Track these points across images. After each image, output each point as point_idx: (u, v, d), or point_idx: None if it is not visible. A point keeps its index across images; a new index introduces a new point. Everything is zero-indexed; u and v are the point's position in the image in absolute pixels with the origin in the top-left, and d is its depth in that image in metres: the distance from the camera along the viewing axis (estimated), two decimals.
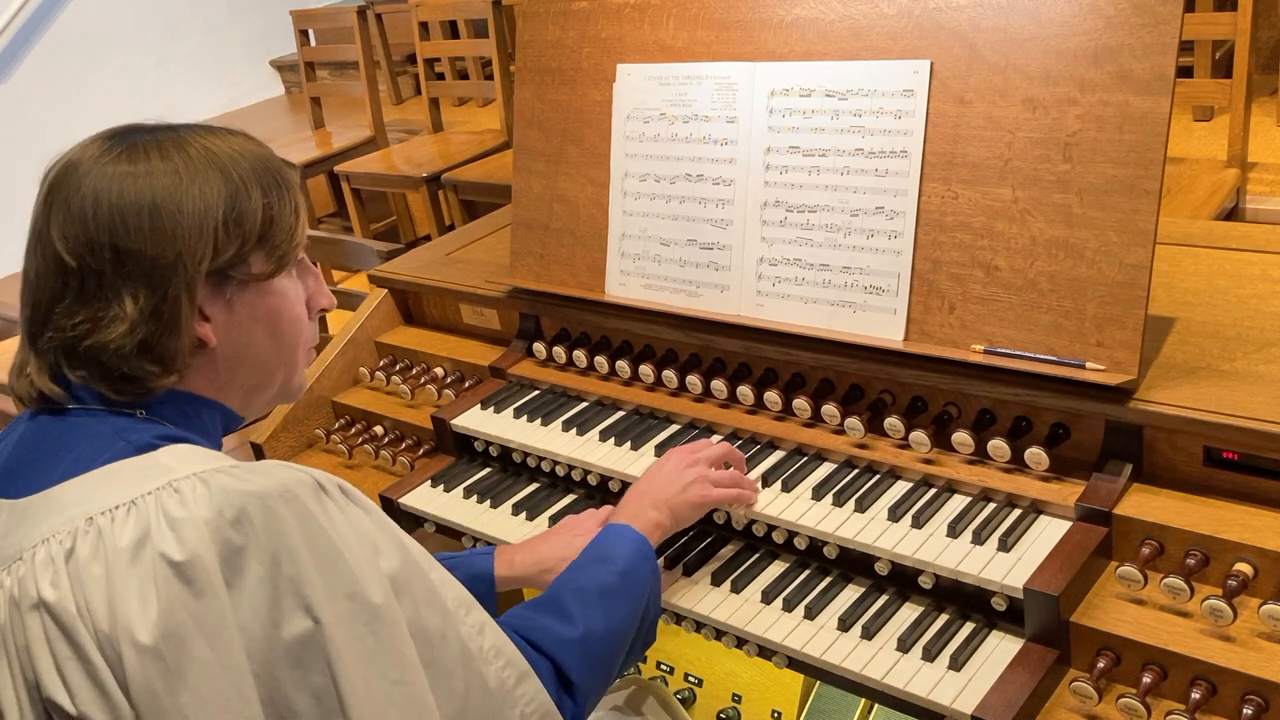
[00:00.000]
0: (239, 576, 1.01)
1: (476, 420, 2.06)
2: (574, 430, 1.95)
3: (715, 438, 1.85)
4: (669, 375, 1.94)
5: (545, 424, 1.99)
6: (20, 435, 1.17)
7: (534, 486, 1.99)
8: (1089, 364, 1.52)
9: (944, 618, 1.51)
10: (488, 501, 1.95)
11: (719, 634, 1.61)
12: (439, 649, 1.10)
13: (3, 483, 1.13)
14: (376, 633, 1.05)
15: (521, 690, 1.17)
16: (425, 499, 2.00)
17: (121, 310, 1.10)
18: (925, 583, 1.53)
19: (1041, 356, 1.56)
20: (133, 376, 1.13)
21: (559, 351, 2.09)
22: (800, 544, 1.65)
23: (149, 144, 1.14)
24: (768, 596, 1.60)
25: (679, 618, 1.64)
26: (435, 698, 1.09)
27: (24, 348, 1.17)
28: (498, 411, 2.07)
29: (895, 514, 1.58)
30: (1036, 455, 1.54)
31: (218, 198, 1.14)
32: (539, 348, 2.13)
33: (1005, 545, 1.48)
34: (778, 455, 1.77)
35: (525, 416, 2.03)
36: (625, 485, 1.84)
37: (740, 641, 1.59)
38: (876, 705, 2.07)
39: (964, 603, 1.51)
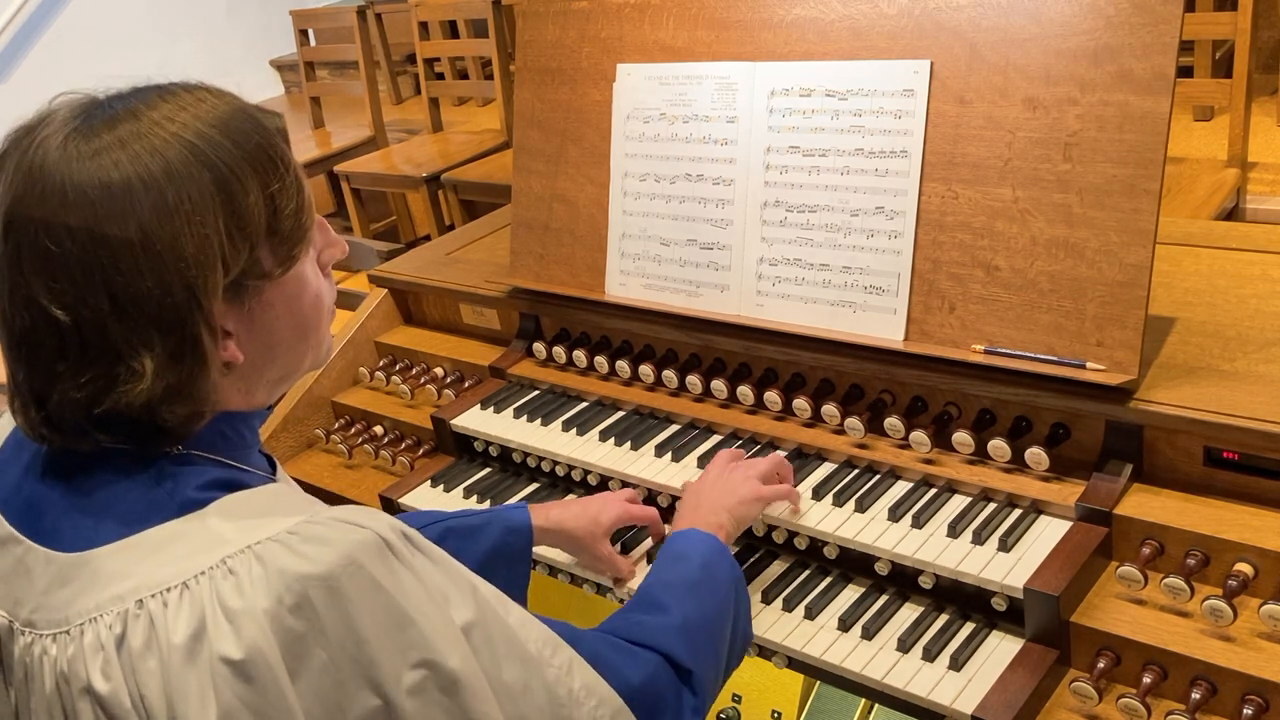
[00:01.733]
0: (302, 664, 0.93)
1: (476, 420, 2.06)
2: (574, 430, 1.95)
3: (715, 438, 1.85)
4: (669, 375, 1.94)
5: (545, 424, 1.99)
6: (44, 469, 1.06)
7: (534, 486, 1.99)
8: (1089, 364, 1.52)
9: (944, 618, 1.51)
10: (488, 502, 1.95)
11: None
12: (523, 701, 1.03)
13: (29, 520, 1.04)
14: (454, 695, 0.97)
15: None
16: (425, 499, 2.00)
17: (138, 364, 0.96)
18: (925, 583, 1.52)
19: (1042, 356, 1.56)
20: (166, 427, 1.01)
21: (559, 351, 2.09)
22: (800, 544, 1.65)
23: (105, 149, 0.97)
24: (768, 596, 1.60)
25: None
26: None
27: (23, 395, 1.02)
28: (498, 411, 2.07)
29: (895, 514, 1.58)
30: (1037, 455, 1.54)
31: (213, 207, 0.98)
32: (539, 348, 2.13)
33: (1005, 545, 1.48)
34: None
35: (525, 416, 2.03)
36: (625, 485, 1.84)
37: None
38: (876, 705, 2.07)
39: (964, 603, 1.51)
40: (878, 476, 1.68)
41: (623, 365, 2.00)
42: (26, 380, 1.01)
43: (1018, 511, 1.55)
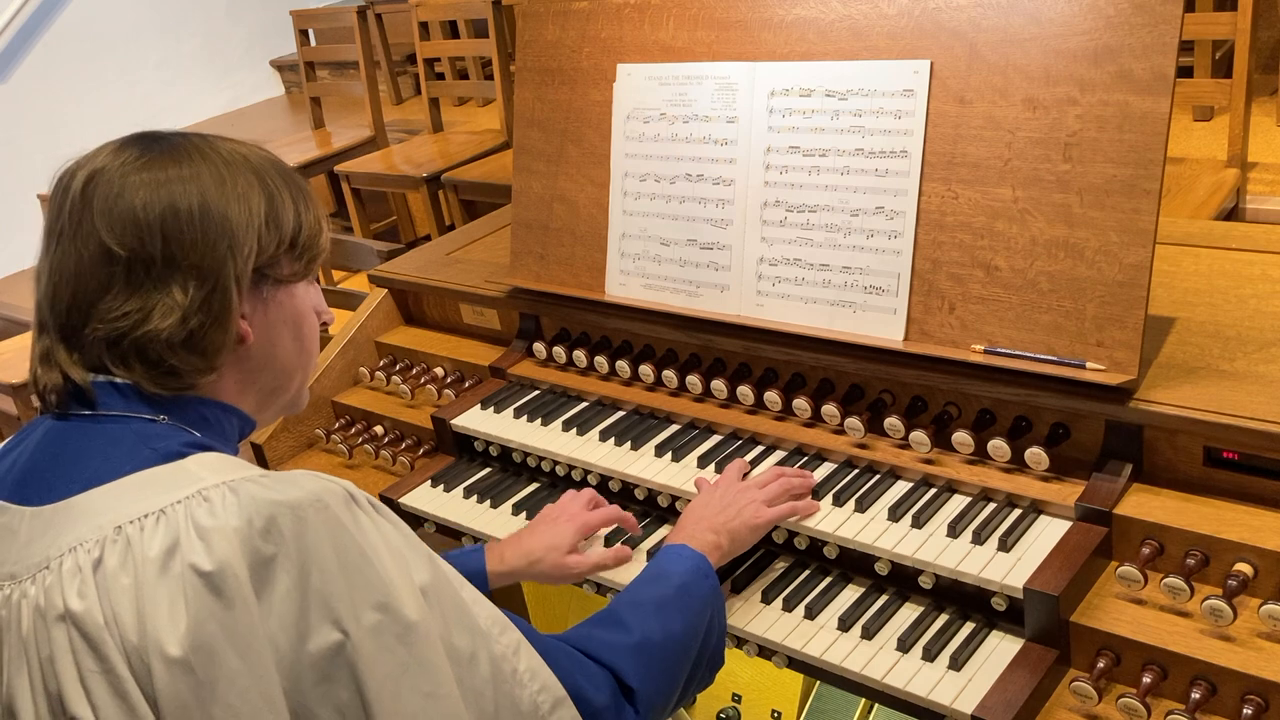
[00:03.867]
0: (268, 587, 0.99)
1: (476, 420, 2.06)
2: (574, 430, 1.95)
3: (715, 438, 1.85)
4: (669, 375, 1.94)
5: (545, 424, 1.99)
6: (39, 441, 1.14)
7: (534, 486, 1.99)
8: (1089, 364, 1.52)
9: (944, 618, 1.51)
10: (488, 501, 1.95)
11: None
12: (468, 668, 1.08)
13: (20, 489, 1.11)
14: (410, 645, 1.03)
15: (557, 716, 1.14)
16: (425, 499, 2.00)
17: (173, 300, 1.10)
18: (925, 583, 1.53)
19: (1041, 356, 1.56)
20: (177, 370, 1.12)
21: (559, 351, 2.09)
22: (800, 544, 1.65)
23: (179, 148, 1.15)
24: (768, 596, 1.60)
25: None
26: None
27: (46, 338, 1.15)
28: (498, 411, 2.07)
29: (895, 514, 1.58)
30: (1036, 455, 1.54)
31: (258, 198, 1.15)
32: (539, 348, 2.13)
33: (1005, 545, 1.49)
34: (778, 455, 1.77)
35: (525, 416, 2.03)
36: (625, 485, 1.85)
37: (740, 641, 1.59)
38: (876, 705, 2.07)
39: (964, 603, 1.51)
40: (878, 476, 1.68)
41: (623, 365, 2.00)
42: (64, 319, 1.12)
43: (1017, 511, 1.55)
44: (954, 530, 1.53)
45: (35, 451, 1.14)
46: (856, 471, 1.70)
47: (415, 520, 2.00)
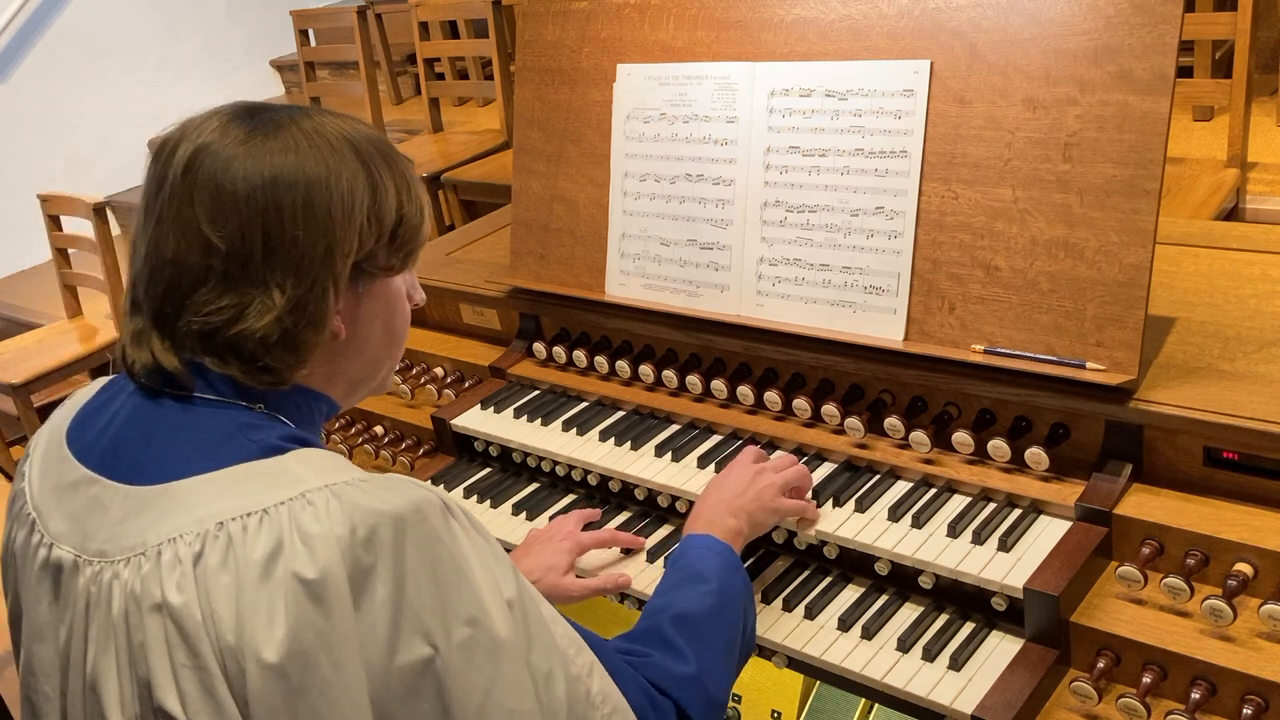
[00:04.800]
0: (364, 597, 0.98)
1: (476, 420, 2.06)
2: (574, 430, 1.95)
3: (715, 438, 1.85)
4: (669, 375, 1.94)
5: (545, 424, 1.99)
6: (129, 415, 1.12)
7: (534, 486, 1.99)
8: (1089, 364, 1.52)
9: (944, 618, 1.51)
10: (488, 502, 1.95)
11: None
12: (545, 688, 1.06)
13: (109, 462, 1.09)
14: (497, 661, 1.02)
15: None
16: None
17: (270, 300, 1.07)
18: (925, 583, 1.53)
19: (1041, 356, 1.56)
20: (271, 367, 1.09)
21: (559, 351, 2.09)
22: (800, 544, 1.65)
23: (284, 129, 1.10)
24: (768, 597, 1.60)
25: None
26: None
27: (140, 319, 1.11)
28: (498, 411, 2.07)
29: (895, 514, 1.58)
30: (1036, 455, 1.54)
31: (363, 190, 1.11)
32: (539, 348, 2.13)
33: (1005, 545, 1.49)
34: (778, 455, 1.77)
35: (525, 416, 2.03)
36: (625, 485, 1.84)
37: None
38: (876, 705, 2.07)
39: (964, 603, 1.51)
40: (878, 476, 1.68)
41: (623, 365, 2.00)
42: (158, 305, 1.09)
43: (1017, 511, 1.55)
44: (954, 530, 1.53)
45: (126, 425, 1.11)
46: (856, 471, 1.70)
47: None
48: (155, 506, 1.04)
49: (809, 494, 1.64)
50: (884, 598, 1.57)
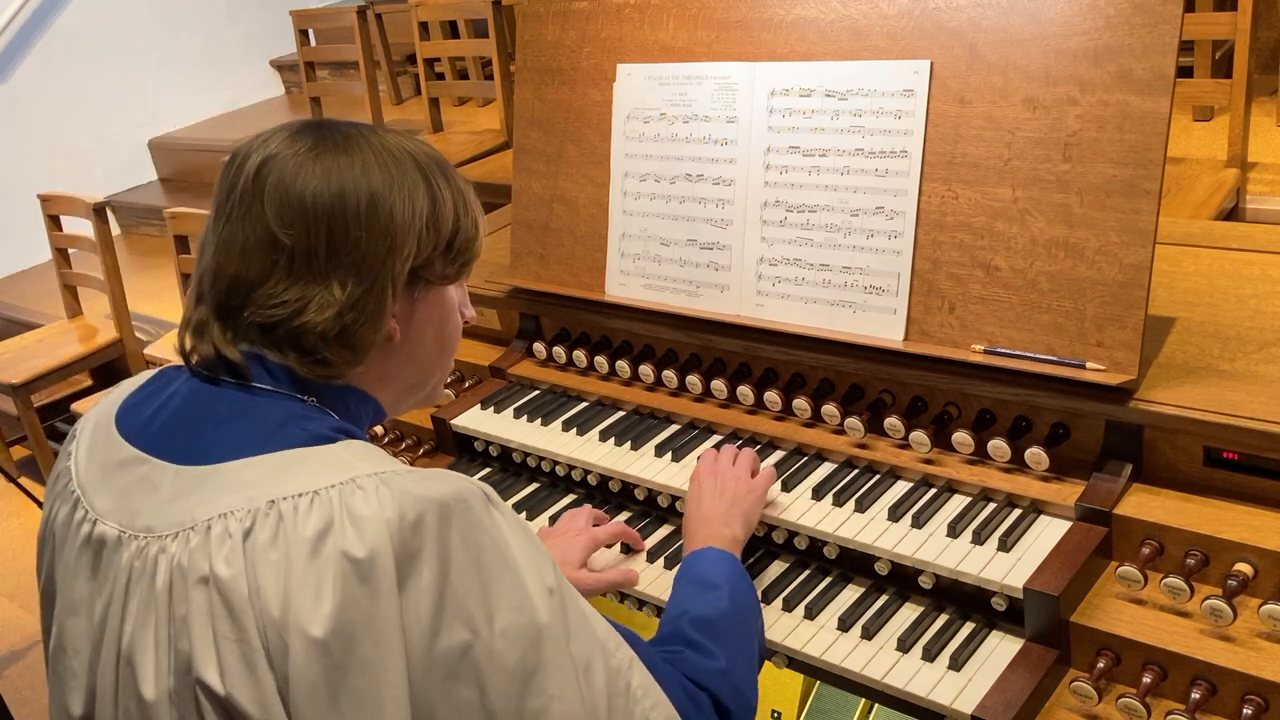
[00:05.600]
0: (410, 581, 1.00)
1: (476, 420, 2.06)
2: (574, 430, 1.95)
3: (715, 438, 1.85)
4: (669, 375, 1.94)
5: (545, 424, 1.99)
6: (184, 399, 1.15)
7: (534, 486, 1.99)
8: (1089, 364, 1.52)
9: (944, 618, 1.51)
10: None
11: None
12: (584, 678, 1.07)
13: (162, 444, 1.12)
14: (539, 647, 1.03)
15: None
16: None
17: (331, 295, 1.11)
18: (925, 583, 1.53)
19: (1041, 356, 1.56)
20: (328, 360, 1.13)
21: (559, 351, 2.09)
22: (800, 544, 1.65)
23: (351, 140, 1.15)
24: (768, 597, 1.60)
25: None
26: None
27: (203, 310, 1.15)
28: (498, 411, 2.07)
29: (895, 514, 1.58)
30: (1036, 455, 1.54)
31: (423, 199, 1.16)
32: (539, 348, 2.13)
33: (1005, 545, 1.49)
34: (778, 455, 1.77)
35: (525, 416, 2.03)
36: (625, 485, 1.85)
37: None
38: (876, 705, 2.07)
39: (964, 603, 1.51)
40: (878, 476, 1.68)
41: (623, 365, 2.00)
42: (223, 298, 1.13)
43: (1017, 511, 1.55)
44: (954, 530, 1.53)
45: (180, 409, 1.14)
46: (856, 471, 1.70)
47: None
48: (207, 485, 1.06)
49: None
50: (884, 598, 1.57)
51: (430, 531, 1.00)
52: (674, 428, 1.91)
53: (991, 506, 1.57)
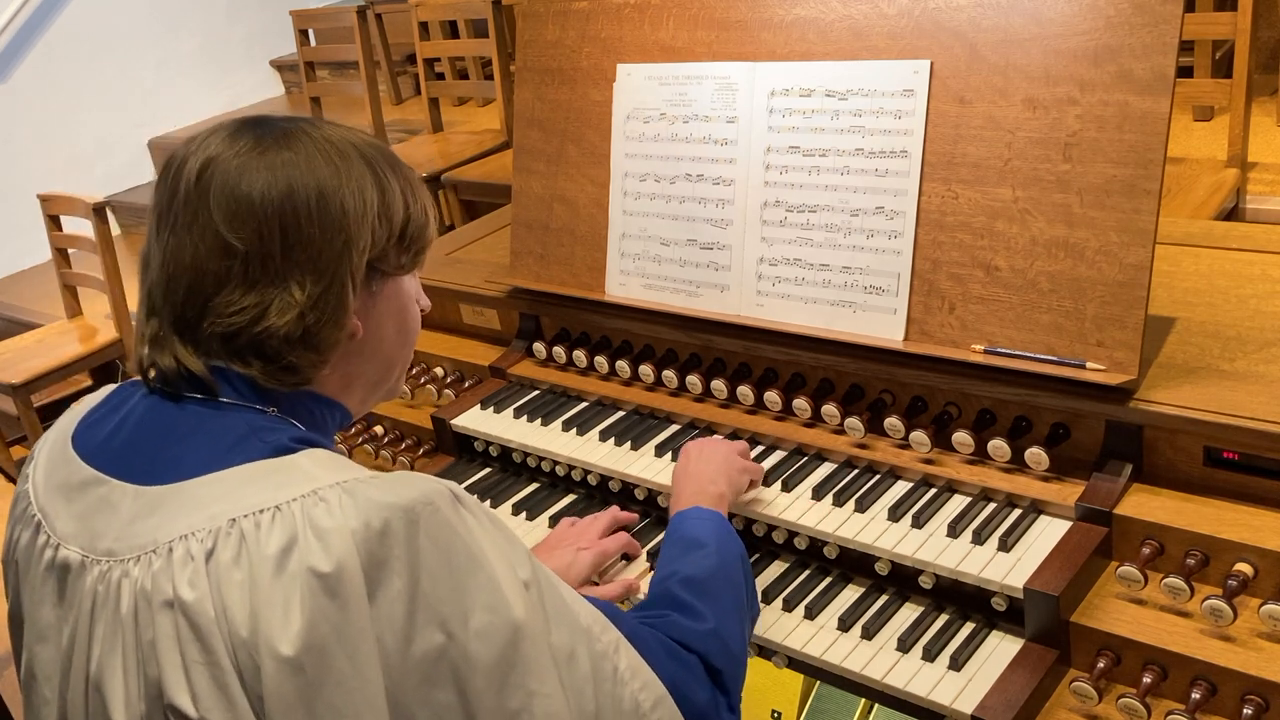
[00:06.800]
0: (380, 590, 0.98)
1: (476, 420, 2.06)
2: (574, 430, 1.95)
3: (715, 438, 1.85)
4: (669, 375, 1.94)
5: (545, 424, 1.99)
6: (141, 416, 1.13)
7: (534, 486, 1.99)
8: (1089, 364, 1.52)
9: (944, 618, 1.51)
10: (488, 502, 1.95)
11: None
12: (568, 667, 1.07)
13: (121, 464, 1.10)
14: (516, 644, 1.03)
15: (658, 714, 1.14)
16: None
17: (291, 297, 1.09)
18: (925, 583, 1.53)
19: (1041, 356, 1.56)
20: (294, 366, 1.11)
21: (559, 351, 2.09)
22: (800, 544, 1.65)
23: (292, 136, 1.13)
24: (768, 596, 1.60)
25: None
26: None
27: (157, 324, 1.12)
28: (498, 411, 2.07)
29: (895, 514, 1.58)
30: (1036, 455, 1.54)
31: (372, 190, 1.14)
32: (539, 348, 2.13)
33: (1005, 545, 1.48)
34: (778, 455, 1.77)
35: (525, 416, 2.03)
36: (625, 485, 1.85)
37: None
38: (876, 705, 2.07)
39: (964, 603, 1.51)
40: (878, 476, 1.68)
41: (623, 365, 2.00)
42: (179, 310, 1.10)
43: (1018, 511, 1.55)
44: (954, 530, 1.53)
45: (139, 428, 1.12)
46: (856, 471, 1.70)
47: None
48: (167, 505, 1.04)
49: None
50: (884, 598, 1.57)
51: (397, 538, 0.99)
52: (674, 428, 1.91)
53: (991, 506, 1.57)
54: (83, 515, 1.09)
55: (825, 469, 1.72)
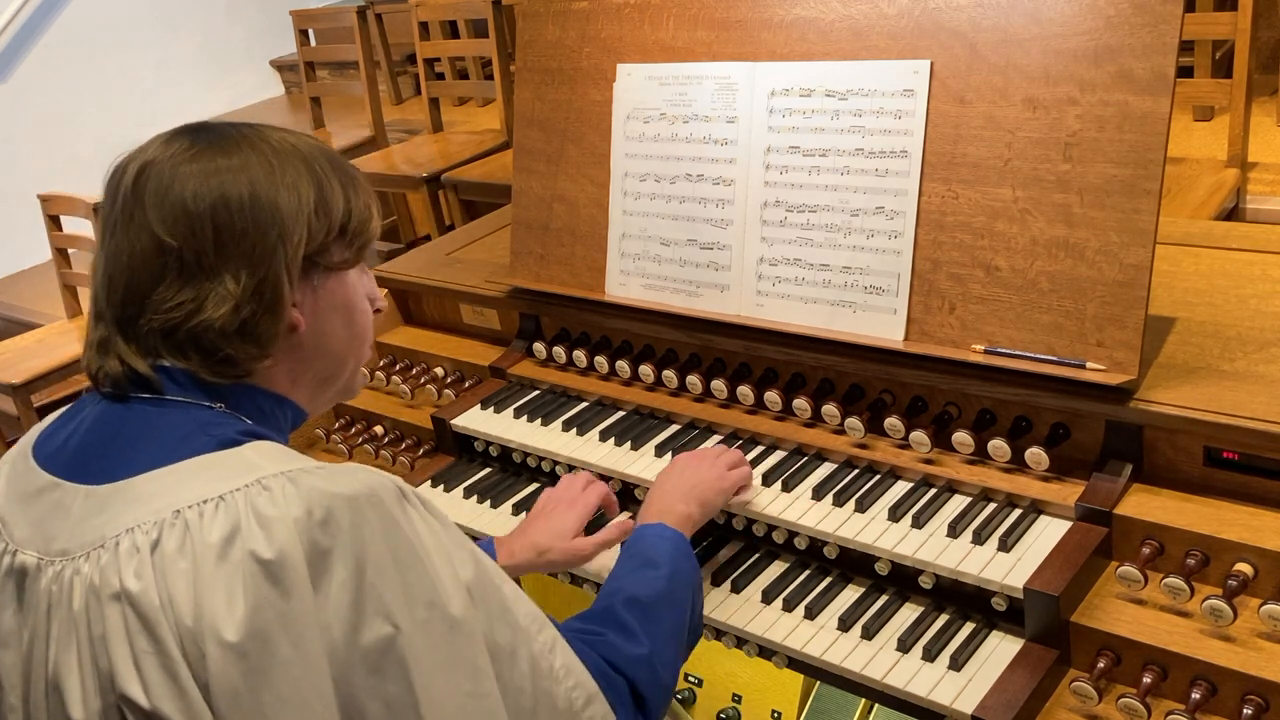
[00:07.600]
0: (324, 578, 1.00)
1: (476, 420, 2.06)
2: (574, 430, 1.95)
3: (715, 438, 1.85)
4: (669, 375, 1.94)
5: (545, 424, 1.99)
6: (93, 420, 1.15)
7: (534, 486, 1.99)
8: (1089, 364, 1.52)
9: (944, 618, 1.51)
10: (488, 501, 1.95)
11: (719, 634, 1.61)
12: (508, 665, 1.09)
13: (75, 468, 1.11)
14: (453, 643, 1.04)
15: (590, 712, 1.17)
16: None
17: (225, 289, 1.11)
18: (925, 583, 1.53)
19: (1042, 356, 1.56)
20: (232, 358, 1.13)
21: (559, 351, 2.09)
22: (800, 544, 1.65)
23: (229, 139, 1.15)
24: (768, 596, 1.60)
25: None
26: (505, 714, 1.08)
27: (103, 327, 1.15)
28: (498, 411, 2.07)
29: (895, 514, 1.58)
30: (1036, 455, 1.54)
31: (308, 187, 1.16)
32: (539, 348, 2.13)
33: (1005, 545, 1.48)
34: (778, 455, 1.77)
35: (525, 416, 2.03)
36: (625, 485, 1.85)
37: (740, 641, 1.59)
38: (876, 705, 2.07)
39: (964, 603, 1.51)
40: (878, 476, 1.68)
41: (623, 365, 2.00)
42: (119, 309, 1.13)
43: (1018, 511, 1.55)
44: (954, 530, 1.53)
45: (90, 431, 1.14)
46: (856, 471, 1.70)
47: None
48: (115, 502, 1.06)
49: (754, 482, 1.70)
50: (884, 598, 1.57)
51: (340, 527, 1.01)
52: (674, 428, 1.91)
53: (991, 507, 1.57)
54: (39, 520, 1.10)
55: (825, 469, 1.72)
